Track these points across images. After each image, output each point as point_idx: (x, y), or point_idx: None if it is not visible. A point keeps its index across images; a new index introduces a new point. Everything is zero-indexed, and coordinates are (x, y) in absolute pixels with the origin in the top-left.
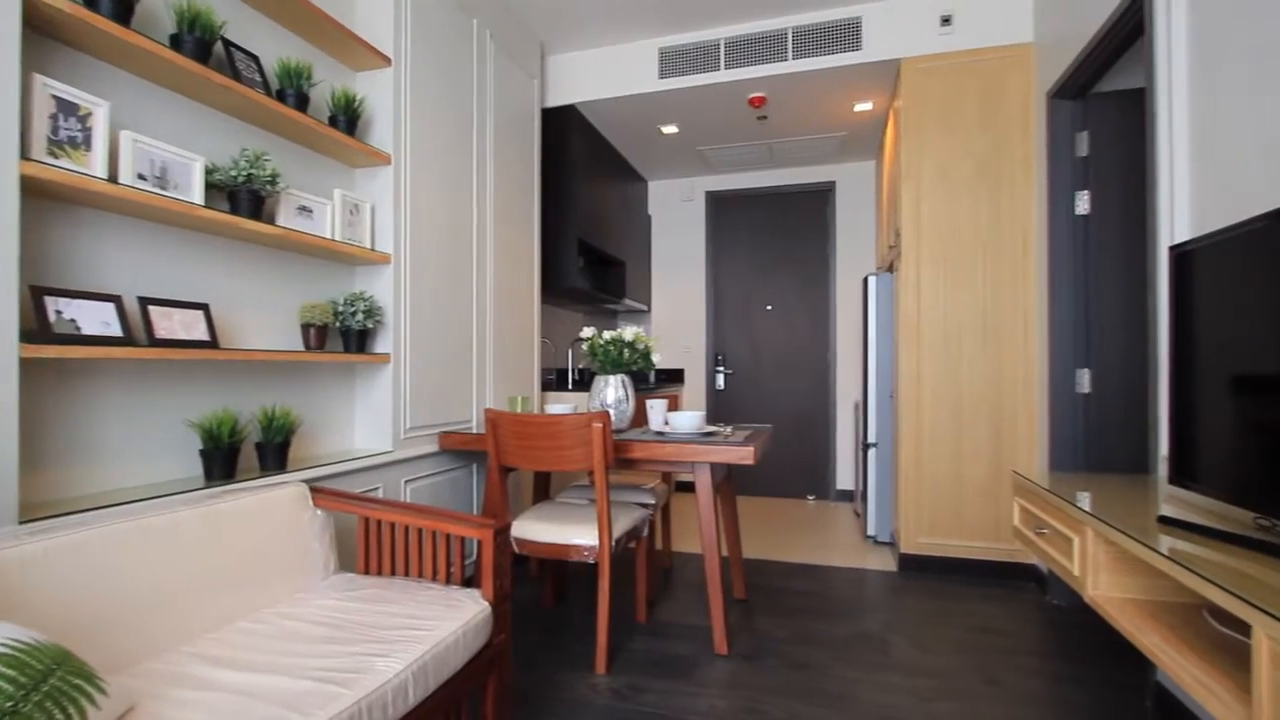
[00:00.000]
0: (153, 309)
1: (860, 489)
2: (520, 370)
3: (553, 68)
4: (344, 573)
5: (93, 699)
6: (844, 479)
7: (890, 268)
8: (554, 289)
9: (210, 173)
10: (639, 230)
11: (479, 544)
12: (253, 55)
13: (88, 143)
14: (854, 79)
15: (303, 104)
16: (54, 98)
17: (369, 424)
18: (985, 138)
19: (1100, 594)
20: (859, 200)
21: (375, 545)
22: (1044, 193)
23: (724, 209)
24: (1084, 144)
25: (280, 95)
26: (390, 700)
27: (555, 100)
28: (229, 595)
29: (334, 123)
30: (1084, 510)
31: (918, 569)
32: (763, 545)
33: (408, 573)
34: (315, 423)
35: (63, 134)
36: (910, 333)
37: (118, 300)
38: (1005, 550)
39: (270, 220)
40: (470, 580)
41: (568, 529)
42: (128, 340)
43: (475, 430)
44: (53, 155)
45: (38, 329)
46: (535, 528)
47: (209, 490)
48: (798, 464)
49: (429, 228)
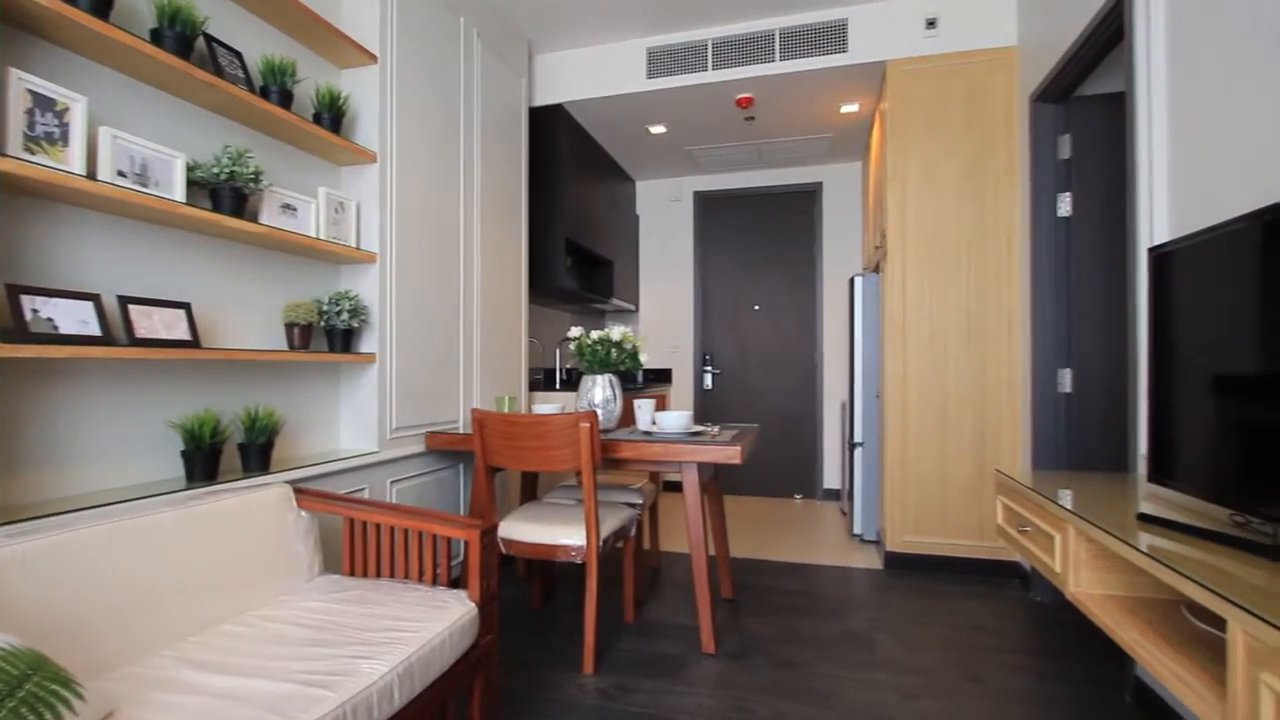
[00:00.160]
0: (133, 308)
1: (847, 488)
2: (508, 370)
3: (540, 67)
4: (329, 574)
5: (70, 704)
6: (830, 478)
7: (876, 268)
8: (542, 288)
9: (192, 170)
10: (627, 230)
11: (465, 545)
12: (235, 51)
13: (65, 139)
14: (840, 80)
15: (287, 101)
16: (30, 92)
17: (354, 424)
18: (970, 140)
19: (1081, 591)
20: (846, 201)
21: (360, 546)
22: (1027, 194)
23: (712, 209)
24: (1066, 147)
25: (264, 92)
26: (375, 703)
27: (543, 99)
28: (211, 598)
29: (319, 120)
30: (1065, 508)
31: (903, 567)
32: (750, 544)
33: (393, 574)
34: (299, 423)
35: (39, 129)
36: (896, 333)
37: (96, 299)
38: (989, 548)
39: (253, 218)
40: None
41: (555, 529)
42: (107, 340)
43: (462, 430)
44: (29, 151)
45: (14, 328)
46: (522, 528)
47: (190, 491)
48: (785, 463)
49: (415, 226)
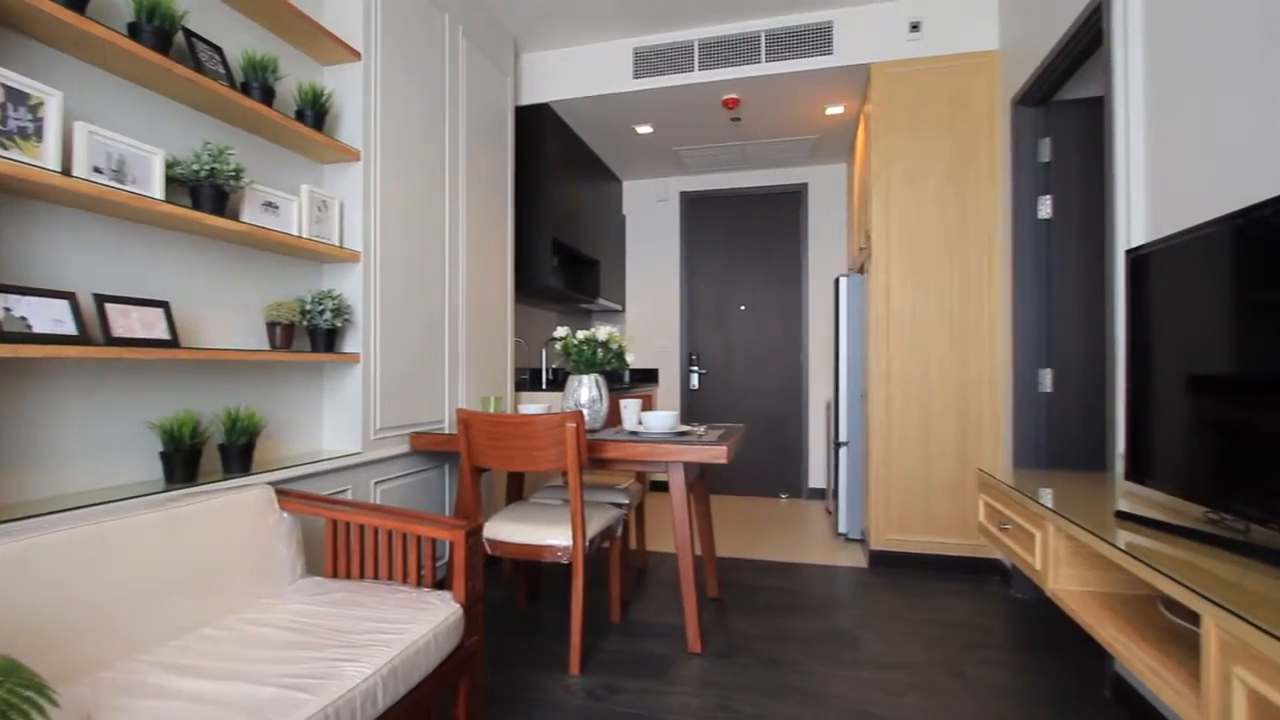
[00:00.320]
0: (110, 306)
1: (832, 487)
2: (493, 370)
3: (526, 65)
4: (312, 576)
5: (43, 711)
6: (816, 477)
7: (861, 269)
8: (528, 288)
9: (171, 166)
10: (614, 230)
11: (450, 545)
12: (216, 47)
13: (39, 134)
14: (826, 82)
15: (268, 98)
16: (3, 86)
17: (338, 425)
18: (952, 142)
19: (1060, 587)
20: (831, 202)
21: (344, 548)
22: (1008, 197)
23: (698, 209)
24: (1046, 150)
25: (245, 88)
26: (359, 706)
27: (529, 98)
28: (191, 601)
29: (301, 117)
30: (1045, 506)
31: (887, 565)
32: (736, 543)
33: (377, 575)
34: (282, 424)
35: (12, 124)
36: (880, 333)
37: (72, 297)
38: (971, 546)
39: (234, 216)
40: (442, 583)
41: (541, 529)
42: (83, 339)
43: (447, 431)
44: (1, 147)
45: None
46: (508, 528)
47: (170, 493)
48: (770, 463)
49: (400, 225)
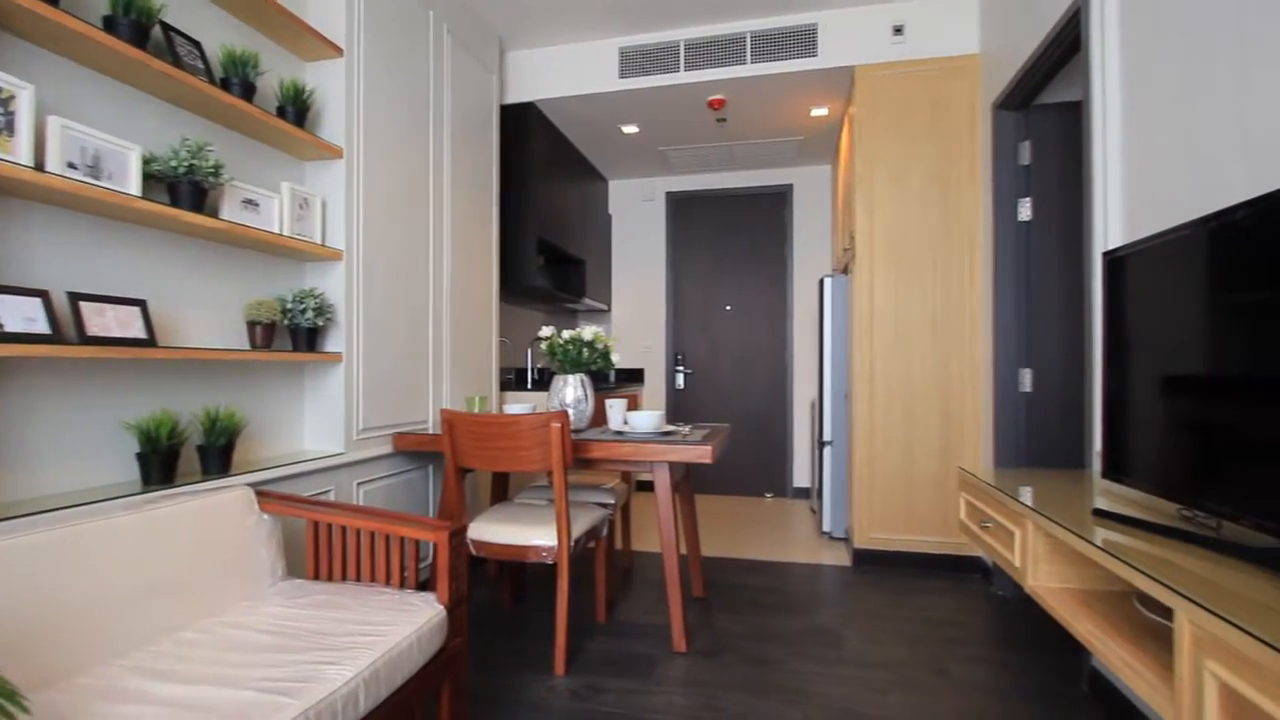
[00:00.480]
0: (84, 305)
1: (816, 486)
2: (478, 370)
3: (512, 64)
4: (293, 579)
5: (14, 718)
6: (800, 476)
7: (845, 270)
8: (513, 288)
9: (148, 163)
10: (599, 229)
11: (434, 547)
12: (195, 41)
13: (10, 128)
14: (810, 84)
15: (249, 93)
16: None
17: (320, 425)
18: (935, 145)
19: (1039, 584)
20: (816, 203)
21: (326, 550)
22: (989, 199)
23: (684, 209)
24: (1026, 153)
25: (225, 84)
26: (340, 709)
27: (515, 97)
28: (169, 604)
29: (282, 113)
30: (1024, 505)
31: (871, 563)
32: (721, 543)
33: (360, 577)
34: (262, 424)
35: None
36: (864, 333)
37: (45, 295)
38: (953, 544)
39: (214, 213)
40: (426, 584)
41: (526, 530)
42: (56, 338)
43: (431, 431)
44: None
45: None
46: (493, 529)
47: (147, 495)
48: (755, 462)
49: (383, 223)
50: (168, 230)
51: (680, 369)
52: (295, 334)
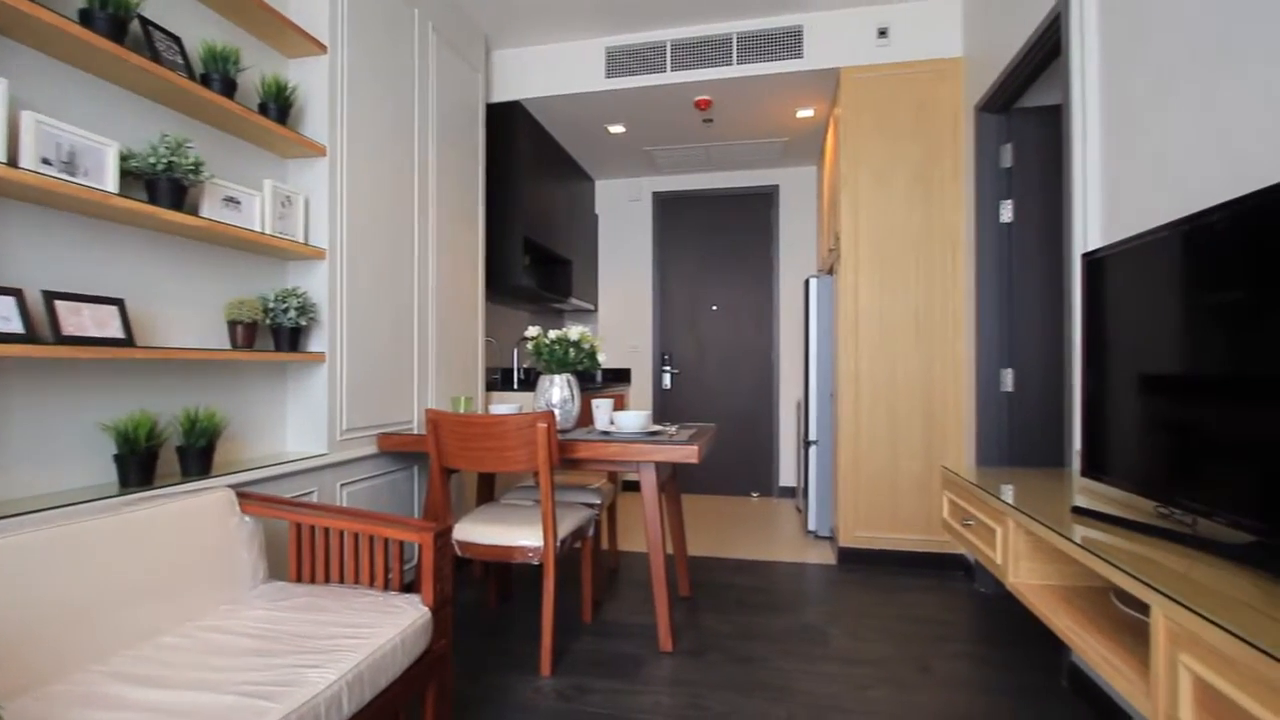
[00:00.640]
0: (60, 304)
1: (802, 485)
2: (464, 370)
3: (498, 63)
4: (275, 581)
5: None
6: (786, 476)
7: (830, 270)
8: (499, 287)
9: (126, 159)
10: (586, 229)
11: (419, 548)
12: (174, 36)
13: None
14: (796, 85)
15: (229, 90)
16: None
17: (302, 426)
18: (919, 146)
19: (1020, 581)
20: (801, 204)
21: (308, 552)
22: (971, 200)
23: (671, 210)
24: (1008, 156)
25: (205, 80)
26: (323, 712)
27: (501, 96)
28: (148, 609)
29: (264, 110)
30: (1006, 503)
31: (856, 562)
32: (707, 542)
33: (343, 579)
34: (244, 425)
35: None
36: (849, 334)
37: (19, 294)
38: (936, 542)
39: (194, 211)
40: (410, 585)
41: (512, 530)
42: (30, 337)
43: (416, 431)
44: None
45: None
46: (478, 530)
47: (125, 497)
48: (742, 462)
49: (367, 222)
50: (146, 228)
51: (667, 369)
52: (277, 334)
